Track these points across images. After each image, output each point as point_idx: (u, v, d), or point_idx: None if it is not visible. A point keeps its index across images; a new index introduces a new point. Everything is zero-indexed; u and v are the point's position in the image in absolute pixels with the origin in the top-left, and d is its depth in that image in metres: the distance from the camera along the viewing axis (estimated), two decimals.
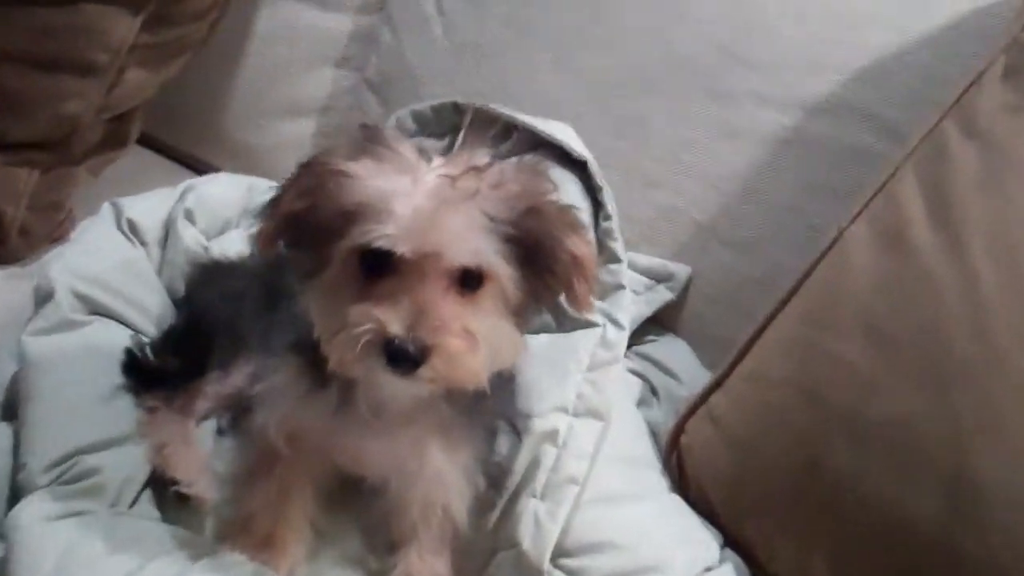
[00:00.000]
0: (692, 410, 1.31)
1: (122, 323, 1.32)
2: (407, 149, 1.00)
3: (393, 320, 0.94)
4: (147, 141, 1.86)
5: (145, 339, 1.29)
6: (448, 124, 1.47)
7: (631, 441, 1.30)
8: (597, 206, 1.36)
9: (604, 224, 1.33)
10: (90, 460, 1.13)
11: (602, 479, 1.21)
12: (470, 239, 0.97)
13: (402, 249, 0.95)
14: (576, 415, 1.22)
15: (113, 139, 1.61)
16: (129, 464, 1.16)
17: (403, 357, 0.94)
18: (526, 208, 1.00)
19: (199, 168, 1.85)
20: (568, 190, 1.34)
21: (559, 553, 1.15)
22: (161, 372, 1.24)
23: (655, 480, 1.28)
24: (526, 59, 1.59)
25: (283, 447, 1.13)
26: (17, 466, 1.14)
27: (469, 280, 0.99)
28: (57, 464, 1.12)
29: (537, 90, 1.57)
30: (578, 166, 1.37)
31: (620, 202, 1.44)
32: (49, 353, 1.22)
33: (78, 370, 1.21)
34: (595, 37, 1.56)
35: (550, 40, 1.58)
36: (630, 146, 1.54)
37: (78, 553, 1.03)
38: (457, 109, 1.46)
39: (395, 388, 1.03)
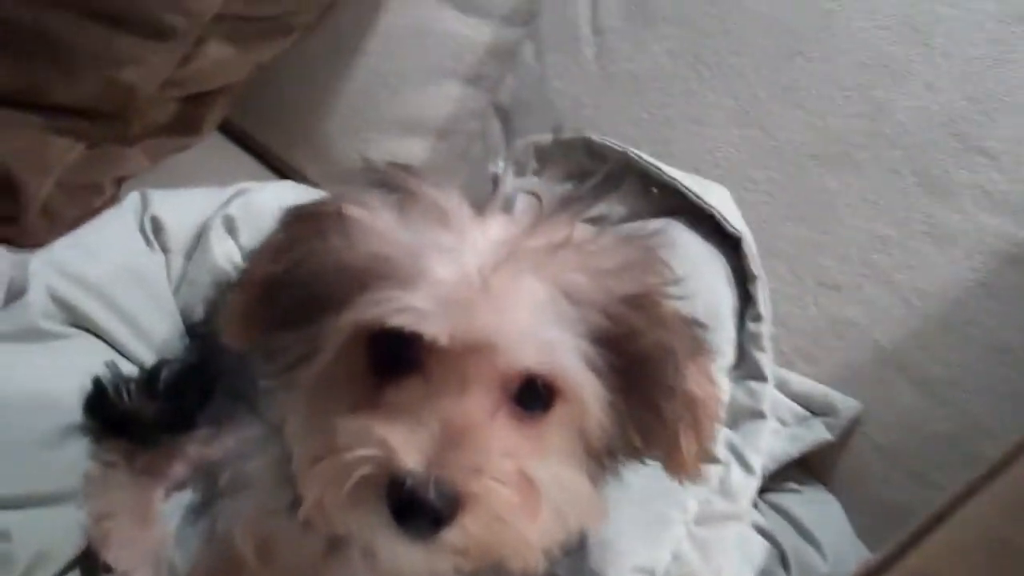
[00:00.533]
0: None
1: (110, 344, 1.01)
2: (447, 198, 0.66)
3: (408, 447, 0.60)
4: (234, 135, 1.59)
5: (128, 370, 0.98)
6: (575, 166, 1.14)
7: None
8: (745, 301, 1.01)
9: (751, 326, 0.99)
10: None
11: None
12: (540, 328, 0.62)
13: (435, 332, 0.61)
14: None
15: (182, 123, 1.35)
16: (51, 532, 0.86)
17: (418, 510, 0.59)
18: (629, 295, 0.65)
19: (288, 176, 1.56)
20: (709, 272, 1.00)
21: None
22: (134, 417, 0.93)
23: None
24: (694, 101, 1.25)
25: (251, 560, 0.81)
26: None
27: (532, 397, 0.64)
28: None
29: (702, 142, 1.24)
30: (730, 245, 1.02)
31: (779, 303, 1.12)
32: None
33: (26, 394, 0.91)
34: (787, 87, 1.21)
35: (728, 83, 1.24)
36: (807, 231, 1.19)
37: None
38: (590, 149, 1.13)
39: (401, 558, 0.65)
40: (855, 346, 1.16)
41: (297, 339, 0.66)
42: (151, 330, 1.04)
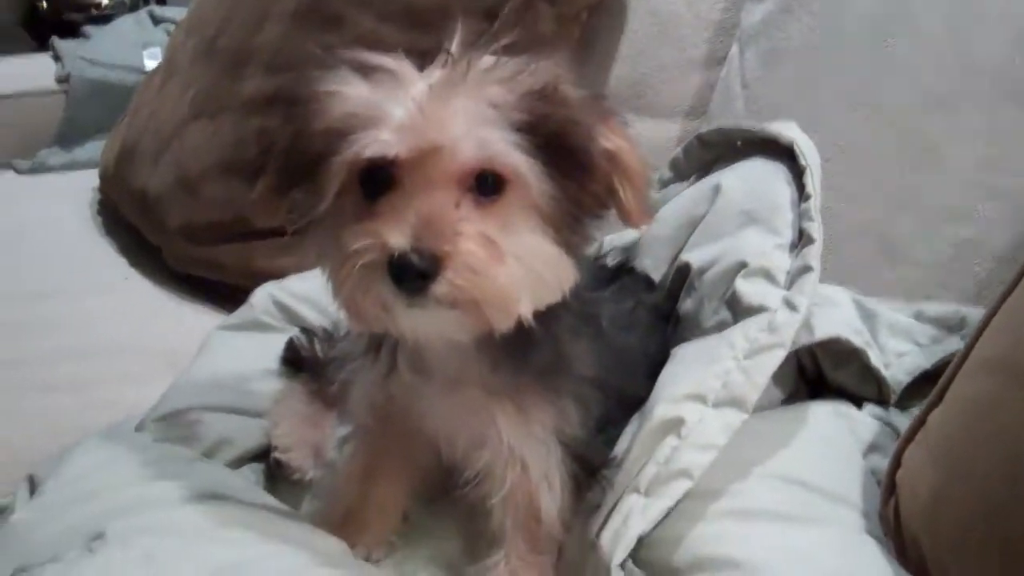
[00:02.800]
0: (911, 435, 0.97)
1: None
2: (398, 63, 0.85)
3: (394, 233, 0.79)
4: None
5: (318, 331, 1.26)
6: (696, 161, 1.32)
7: (814, 465, 0.98)
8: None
9: (802, 205, 1.08)
10: (194, 415, 1.11)
11: (749, 493, 0.94)
12: (477, 130, 0.81)
13: (396, 151, 0.80)
14: (716, 405, 0.96)
15: None
16: (235, 430, 1.12)
17: (410, 271, 0.78)
18: (540, 93, 0.83)
19: None
20: (770, 177, 1.13)
21: (660, 566, 0.89)
22: (313, 361, 1.19)
23: (848, 518, 0.94)
24: (813, 103, 1.39)
25: (367, 423, 1.02)
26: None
27: (487, 186, 0.83)
28: (165, 417, 1.12)
29: (826, 133, 1.36)
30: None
31: (917, 245, 1.23)
32: (226, 339, 1.24)
33: (239, 351, 1.21)
34: (887, 63, 1.33)
35: (839, 77, 1.38)
36: (925, 179, 1.26)
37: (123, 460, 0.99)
38: (702, 142, 1.31)
39: (416, 325, 0.85)
40: (982, 263, 1.20)
41: (307, 191, 0.86)
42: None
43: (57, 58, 2.37)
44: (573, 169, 0.84)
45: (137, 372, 1.33)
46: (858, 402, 1.13)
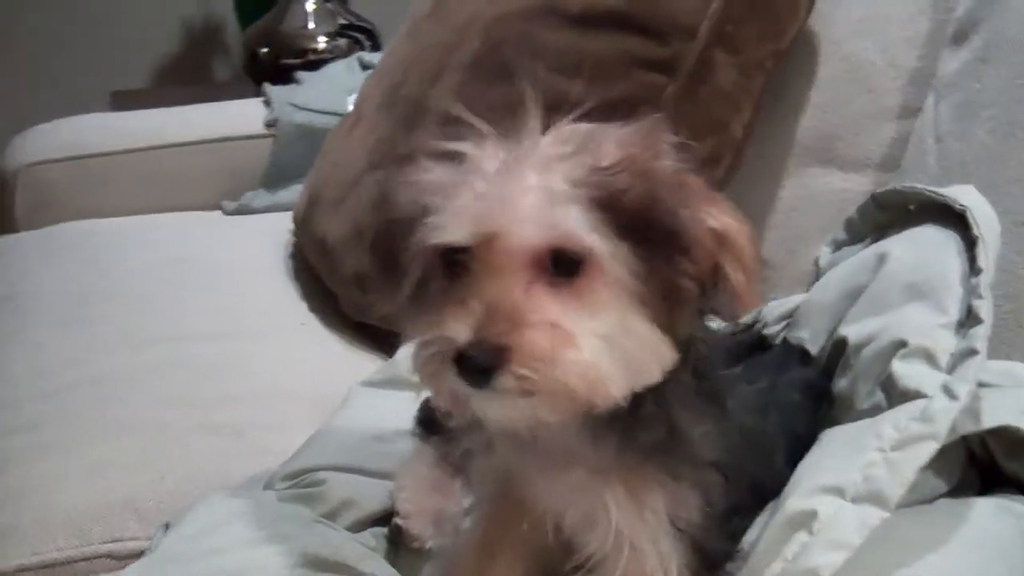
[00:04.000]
0: None
1: None
2: (482, 149, 0.83)
3: (457, 326, 0.77)
4: None
5: None
6: (871, 223, 1.22)
7: (966, 571, 0.87)
8: None
9: (972, 280, 0.98)
10: (321, 475, 1.11)
11: None
12: (547, 211, 0.78)
13: (459, 237, 0.79)
14: (855, 500, 0.87)
15: None
16: (360, 492, 1.11)
17: (473, 366, 0.76)
18: (626, 169, 0.79)
19: None
20: (940, 248, 1.04)
21: None
22: (445, 425, 1.17)
23: None
24: (1005, 162, 1.26)
25: (485, 499, 1.00)
26: None
27: (564, 266, 0.79)
28: (293, 476, 1.12)
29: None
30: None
31: None
32: (365, 396, 1.23)
33: (376, 408, 1.20)
34: None
35: None
36: None
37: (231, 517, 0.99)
38: (877, 203, 1.21)
39: (492, 413, 0.82)
40: None
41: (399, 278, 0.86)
42: None
43: (268, 103, 2.46)
44: (665, 248, 0.79)
45: (297, 419, 1.34)
46: None
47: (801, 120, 1.62)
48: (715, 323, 0.98)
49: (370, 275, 0.89)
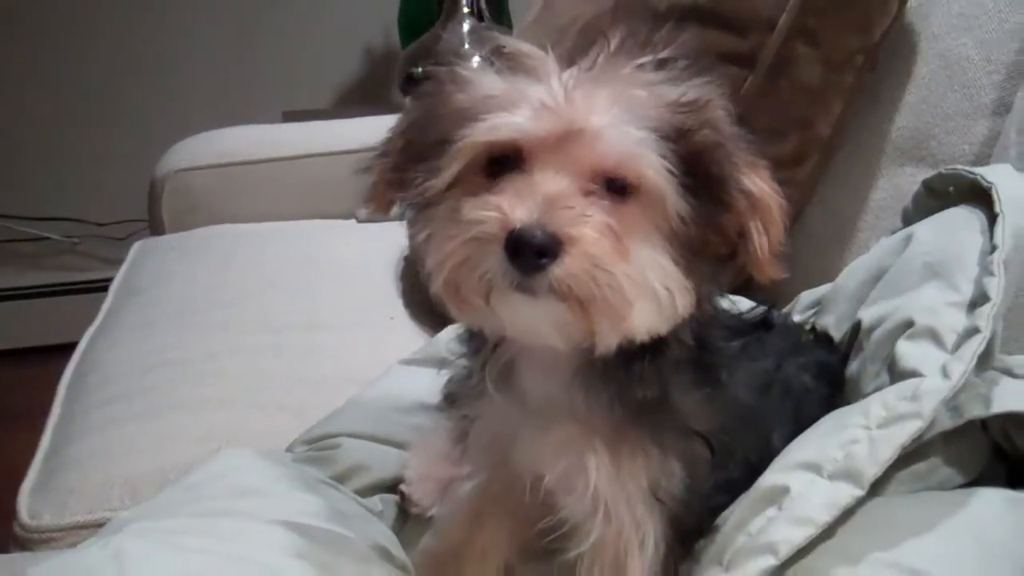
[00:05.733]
0: None
1: None
2: (537, 54, 0.83)
3: (518, 206, 0.75)
4: None
5: None
6: (923, 210, 1.17)
7: (949, 557, 0.82)
8: None
9: (986, 259, 0.92)
10: (336, 441, 1.14)
11: None
12: (615, 124, 0.77)
13: (533, 133, 0.77)
14: (831, 477, 0.84)
15: None
16: (373, 458, 1.14)
17: (527, 246, 0.73)
18: (690, 106, 0.79)
19: None
20: (962, 226, 0.99)
21: None
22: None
23: None
24: None
25: (480, 466, 1.00)
26: None
27: (615, 188, 0.79)
28: (312, 441, 1.16)
29: None
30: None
31: None
32: (401, 372, 1.25)
33: (408, 384, 1.22)
34: None
35: None
36: None
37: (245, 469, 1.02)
38: (928, 189, 1.16)
39: (517, 314, 0.78)
40: None
41: (425, 169, 0.82)
42: None
43: None
44: (707, 198, 0.79)
45: None
46: None
47: (895, 119, 1.55)
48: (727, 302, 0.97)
49: (392, 159, 0.85)
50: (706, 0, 1.55)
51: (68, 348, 1.77)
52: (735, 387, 0.91)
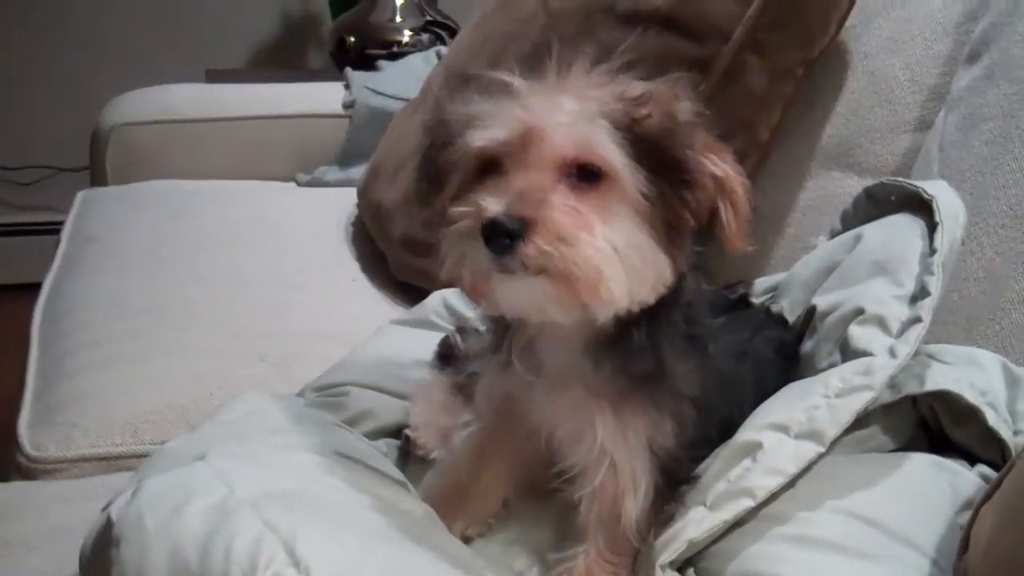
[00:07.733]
0: (990, 493, 0.96)
1: None
2: (516, 79, 0.96)
3: (490, 201, 0.89)
4: None
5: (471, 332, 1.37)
6: (862, 215, 1.34)
7: (891, 508, 0.99)
8: None
9: (928, 260, 1.09)
10: (345, 389, 1.26)
11: (813, 522, 0.98)
12: (577, 125, 0.91)
13: (500, 135, 0.91)
14: (796, 437, 1.00)
15: None
16: (379, 405, 1.26)
17: (499, 231, 0.87)
18: (649, 101, 0.92)
19: None
20: (905, 230, 1.16)
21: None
22: (463, 357, 1.31)
23: (914, 563, 0.95)
24: (1000, 169, 1.37)
25: (487, 413, 1.13)
26: None
27: (585, 176, 0.92)
28: (322, 388, 1.28)
29: (1008, 200, 1.34)
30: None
31: None
32: (394, 331, 1.38)
33: (402, 342, 1.35)
34: None
35: None
36: None
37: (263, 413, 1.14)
38: (869, 196, 1.33)
39: (509, 294, 0.93)
40: None
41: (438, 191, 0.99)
42: None
43: (347, 86, 2.63)
44: (672, 179, 0.92)
45: (333, 357, 1.48)
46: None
47: (826, 127, 1.73)
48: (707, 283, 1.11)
49: (416, 189, 0.99)
50: (667, 7, 1.69)
51: None
52: (719, 357, 1.06)
